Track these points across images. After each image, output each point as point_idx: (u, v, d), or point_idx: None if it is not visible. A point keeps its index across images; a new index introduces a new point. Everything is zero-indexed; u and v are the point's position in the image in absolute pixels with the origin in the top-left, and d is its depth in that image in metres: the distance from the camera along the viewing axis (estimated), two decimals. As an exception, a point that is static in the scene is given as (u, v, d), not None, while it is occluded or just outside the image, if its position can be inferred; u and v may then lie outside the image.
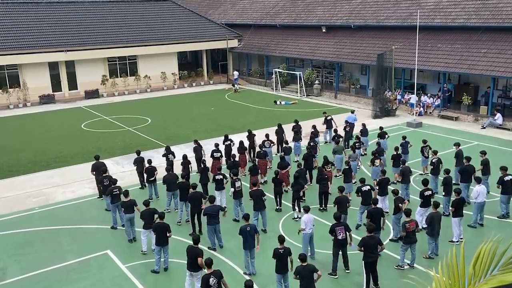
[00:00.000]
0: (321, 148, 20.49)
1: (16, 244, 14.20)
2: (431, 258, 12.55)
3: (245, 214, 12.27)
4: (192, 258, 10.66)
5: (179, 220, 15.05)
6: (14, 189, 18.69)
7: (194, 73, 43.60)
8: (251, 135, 20.38)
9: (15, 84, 36.08)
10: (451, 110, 28.58)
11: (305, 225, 12.22)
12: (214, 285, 9.64)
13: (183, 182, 14.94)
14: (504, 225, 14.48)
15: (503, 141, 23.20)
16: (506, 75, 25.28)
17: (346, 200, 13.85)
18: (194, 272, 10.74)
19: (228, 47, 44.10)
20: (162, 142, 23.92)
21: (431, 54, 29.38)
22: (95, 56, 38.34)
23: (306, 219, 12.27)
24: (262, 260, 12.27)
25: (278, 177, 15.54)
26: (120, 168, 20.49)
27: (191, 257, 10.69)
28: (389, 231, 14.05)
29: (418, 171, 18.51)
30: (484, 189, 14.39)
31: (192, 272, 10.74)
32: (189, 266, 10.76)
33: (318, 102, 34.25)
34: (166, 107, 33.84)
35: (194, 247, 10.77)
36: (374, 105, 29.25)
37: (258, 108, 32.48)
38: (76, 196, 17.70)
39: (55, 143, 25.10)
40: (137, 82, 40.14)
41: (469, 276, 4.40)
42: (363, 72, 35.80)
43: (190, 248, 10.75)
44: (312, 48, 37.85)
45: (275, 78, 38.65)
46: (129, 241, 14.02)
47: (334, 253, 11.90)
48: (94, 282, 12.09)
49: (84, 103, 36.20)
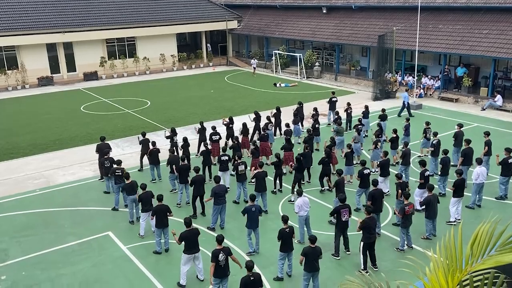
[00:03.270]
0: (322, 130, 20.48)
1: (17, 226, 14.28)
2: (429, 239, 12.64)
3: (251, 195, 12.34)
4: (193, 240, 10.69)
5: (179, 202, 15.12)
6: (14, 171, 18.73)
7: (193, 55, 43.32)
8: (258, 117, 20.37)
9: (13, 66, 35.89)
10: (451, 92, 28.48)
11: (298, 209, 12.30)
12: (223, 260, 9.82)
13: (183, 165, 14.97)
14: (502, 206, 14.55)
15: (503, 122, 23.17)
16: (507, 56, 25.11)
17: (343, 182, 13.87)
18: (196, 253, 10.81)
19: (227, 29, 43.73)
20: (162, 125, 23.90)
21: (432, 35, 29.15)
22: (93, 37, 38.05)
23: (300, 202, 12.32)
24: (264, 241, 12.39)
25: (281, 159, 15.56)
26: (120, 151, 20.50)
27: (192, 239, 10.70)
28: (388, 213, 14.13)
29: (417, 153, 18.53)
30: (485, 170, 14.41)
31: (195, 253, 10.77)
32: (189, 249, 10.74)
33: (318, 84, 34.11)
34: (165, 90, 33.70)
35: (191, 229, 10.75)
36: (374, 87, 29.13)
37: (258, 91, 32.34)
38: (76, 178, 17.74)
39: (54, 125, 25.07)
40: (136, 64, 39.91)
41: (466, 256, 4.43)
42: (363, 53, 35.56)
43: (187, 232, 10.69)
44: (312, 30, 37.54)
45: (275, 60, 38.42)
46: (130, 223, 14.09)
47: (337, 234, 11.98)
48: (95, 263, 12.20)
49: (83, 85, 36.04)
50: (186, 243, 10.69)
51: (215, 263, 9.82)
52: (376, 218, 12.31)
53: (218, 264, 9.83)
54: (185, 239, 10.65)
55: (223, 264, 9.88)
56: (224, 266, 9.91)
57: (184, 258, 10.81)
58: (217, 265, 9.84)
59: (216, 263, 9.81)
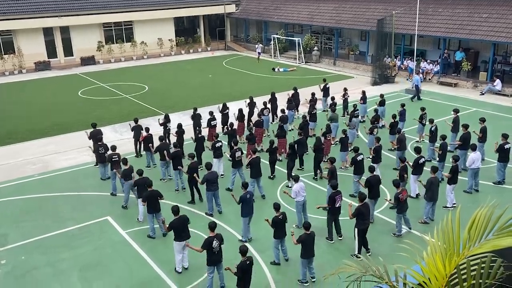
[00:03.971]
0: (319, 116, 20.43)
1: (16, 211, 14.32)
2: (427, 223, 12.71)
3: (243, 183, 12.34)
4: (182, 228, 10.64)
5: (177, 188, 15.13)
6: (12, 156, 18.71)
7: (191, 40, 42.98)
8: (252, 103, 20.27)
9: (10, 51, 35.61)
10: (450, 76, 28.38)
11: (295, 195, 12.34)
12: (216, 247, 9.81)
13: (176, 151, 14.91)
14: (500, 190, 14.61)
15: (501, 107, 23.15)
16: (507, 41, 24.98)
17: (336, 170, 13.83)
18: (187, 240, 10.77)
19: (225, 13, 43.35)
20: (160, 110, 23.83)
21: (432, 20, 28.95)
22: (90, 21, 37.71)
23: (297, 188, 12.36)
24: (258, 227, 12.43)
25: (275, 146, 15.54)
26: (118, 136, 20.47)
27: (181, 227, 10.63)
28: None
29: (415, 138, 18.54)
30: (479, 156, 14.45)
31: (185, 239, 10.70)
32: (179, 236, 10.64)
33: (317, 69, 33.95)
34: (163, 74, 33.53)
35: (179, 217, 10.68)
36: (373, 72, 29.01)
37: (256, 76, 32.20)
38: (74, 164, 17.74)
39: (52, 110, 24.98)
40: (133, 49, 39.63)
41: (464, 240, 4.44)
42: (362, 38, 35.34)
43: (176, 220, 10.63)
44: (311, 14, 37.24)
45: (274, 44, 38.16)
46: (123, 207, 14.11)
47: (330, 220, 12.09)
48: (95, 248, 12.26)
49: (80, 70, 35.83)
50: (176, 231, 10.63)
51: (208, 250, 9.76)
52: (371, 205, 12.34)
53: (212, 251, 9.80)
54: (173, 228, 10.60)
55: (217, 251, 9.86)
56: (217, 252, 9.89)
57: (176, 246, 10.79)
58: (211, 252, 9.81)
59: (210, 250, 9.78)
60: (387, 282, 4.77)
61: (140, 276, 11.03)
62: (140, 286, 10.68)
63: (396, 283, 4.77)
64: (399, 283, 4.78)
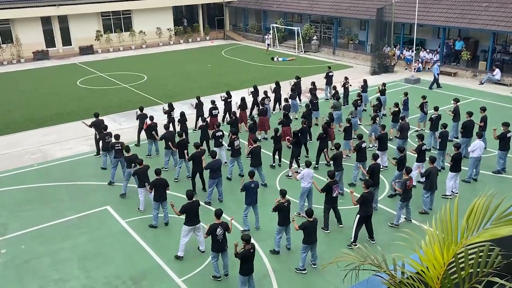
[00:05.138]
0: (321, 105, 20.39)
1: (16, 201, 14.33)
2: (426, 213, 12.74)
3: (250, 171, 12.31)
4: (194, 212, 10.83)
5: (177, 176, 15.16)
6: (11, 146, 18.69)
7: (190, 29, 42.76)
8: (256, 92, 20.22)
9: (8, 40, 35.42)
10: (449, 65, 28.30)
11: (301, 176, 12.36)
12: (220, 235, 9.90)
13: (182, 140, 14.93)
14: (499, 180, 14.64)
15: (501, 96, 23.12)
16: (507, 30, 24.88)
17: (341, 156, 13.91)
18: (197, 225, 10.97)
19: (224, 1, 43.05)
20: (159, 100, 23.77)
21: (432, 8, 28.81)
22: (88, 10, 37.48)
23: (306, 173, 12.41)
24: (261, 215, 12.44)
25: (279, 134, 15.54)
26: (117, 126, 20.44)
27: (193, 211, 10.83)
28: (384, 187, 14.22)
29: (415, 127, 18.53)
30: (483, 144, 14.43)
31: (195, 225, 10.93)
32: (190, 220, 10.87)
33: (316, 58, 33.83)
34: (162, 64, 33.39)
35: (192, 201, 10.89)
36: (373, 61, 28.91)
37: (255, 65, 32.08)
38: (73, 153, 17.73)
39: (50, 100, 24.91)
40: (132, 38, 39.43)
41: (462, 229, 4.46)
42: (362, 27, 35.18)
43: (188, 204, 10.83)
44: (310, 3, 37.01)
45: (273, 34, 37.96)
46: (121, 196, 14.17)
47: (326, 209, 12.13)
48: (95, 237, 12.30)
49: (79, 59, 35.68)
50: (187, 214, 10.83)
51: (212, 237, 9.90)
52: (375, 192, 12.39)
53: (216, 239, 9.91)
54: (186, 211, 10.78)
55: (221, 239, 9.96)
56: (222, 240, 9.99)
57: (185, 230, 10.95)
58: (215, 239, 9.93)
59: (214, 237, 9.90)
60: (385, 271, 4.79)
61: (140, 265, 11.07)
62: (140, 275, 10.72)
63: (394, 272, 4.80)
64: (397, 272, 4.81)
